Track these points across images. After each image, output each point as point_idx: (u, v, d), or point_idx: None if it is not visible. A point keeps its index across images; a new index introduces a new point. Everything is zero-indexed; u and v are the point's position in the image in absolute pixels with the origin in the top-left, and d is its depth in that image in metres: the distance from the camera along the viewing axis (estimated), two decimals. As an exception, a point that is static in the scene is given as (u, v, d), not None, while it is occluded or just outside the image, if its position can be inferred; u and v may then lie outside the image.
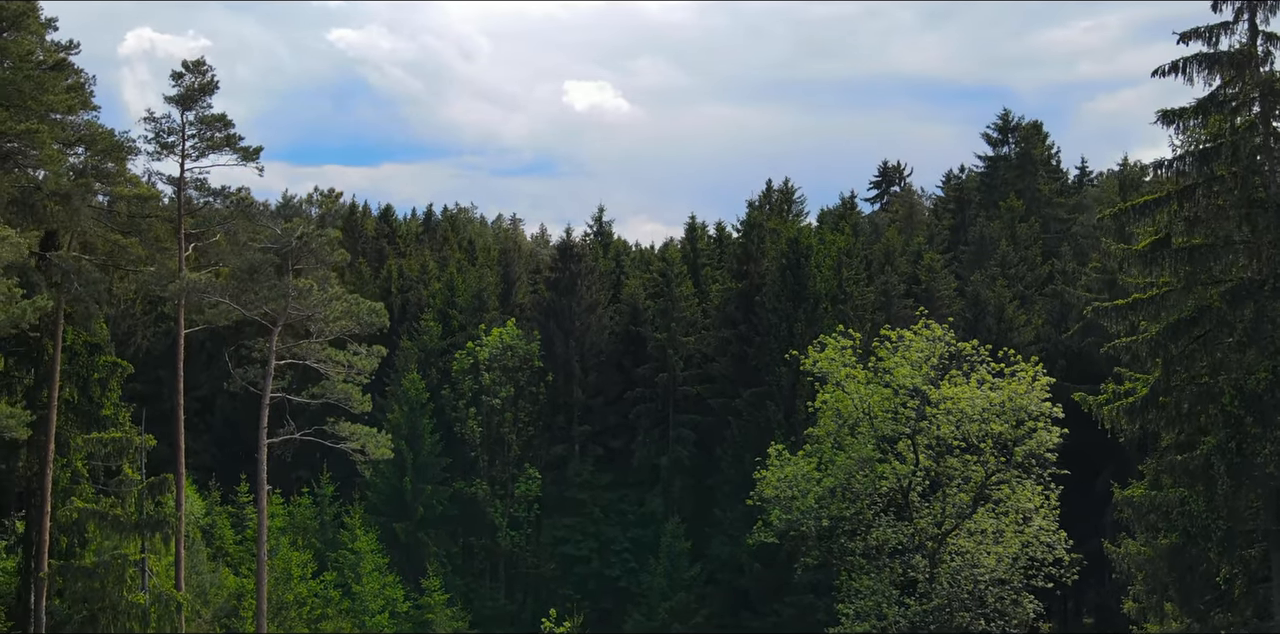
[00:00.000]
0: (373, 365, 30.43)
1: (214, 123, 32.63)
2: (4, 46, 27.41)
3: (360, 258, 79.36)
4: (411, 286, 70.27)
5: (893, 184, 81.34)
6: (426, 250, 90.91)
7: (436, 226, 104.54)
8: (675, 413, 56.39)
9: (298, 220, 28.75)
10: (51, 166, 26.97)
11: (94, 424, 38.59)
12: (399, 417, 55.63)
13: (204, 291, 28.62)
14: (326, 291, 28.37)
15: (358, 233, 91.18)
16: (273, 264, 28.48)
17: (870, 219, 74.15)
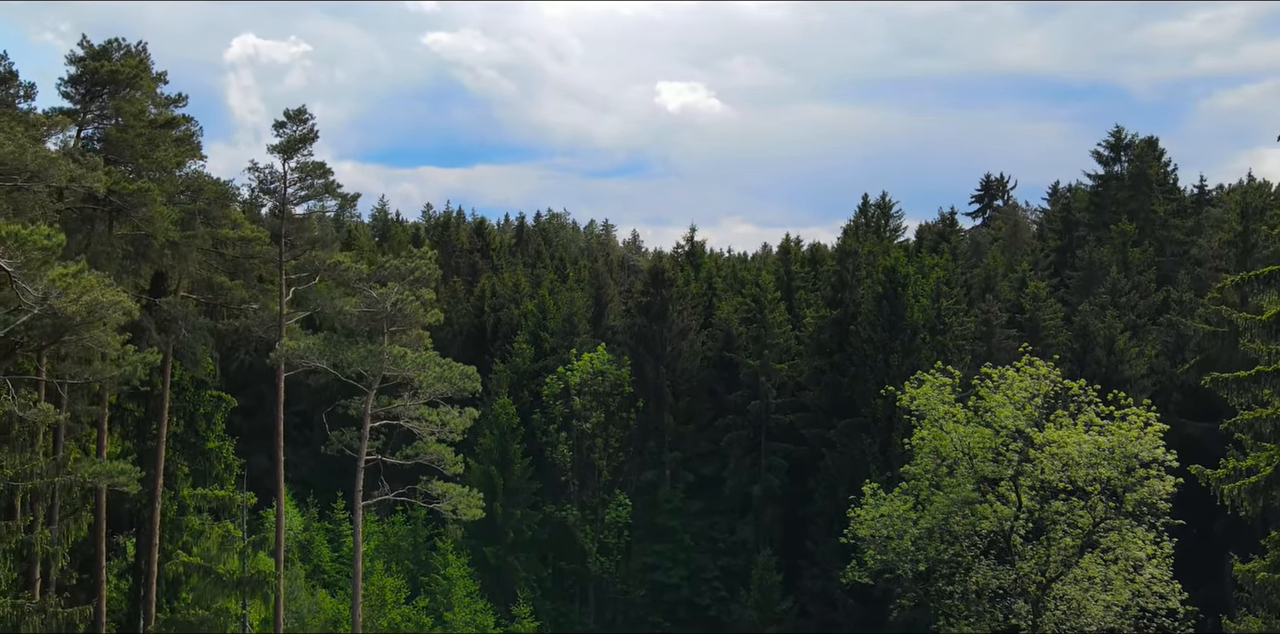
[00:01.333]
0: (465, 424, 30.93)
1: (314, 171, 33.62)
2: (118, 106, 28.69)
3: (455, 276, 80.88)
4: (504, 305, 71.24)
5: (995, 198, 78.99)
6: (519, 264, 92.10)
7: (529, 238, 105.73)
8: (767, 441, 55.85)
9: (392, 285, 29.24)
10: (160, 222, 28.07)
11: (199, 457, 40.22)
12: (490, 441, 56.39)
13: (302, 357, 29.47)
14: (420, 356, 28.86)
15: (452, 246, 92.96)
16: (367, 328, 29.14)
17: (971, 236, 72.16)
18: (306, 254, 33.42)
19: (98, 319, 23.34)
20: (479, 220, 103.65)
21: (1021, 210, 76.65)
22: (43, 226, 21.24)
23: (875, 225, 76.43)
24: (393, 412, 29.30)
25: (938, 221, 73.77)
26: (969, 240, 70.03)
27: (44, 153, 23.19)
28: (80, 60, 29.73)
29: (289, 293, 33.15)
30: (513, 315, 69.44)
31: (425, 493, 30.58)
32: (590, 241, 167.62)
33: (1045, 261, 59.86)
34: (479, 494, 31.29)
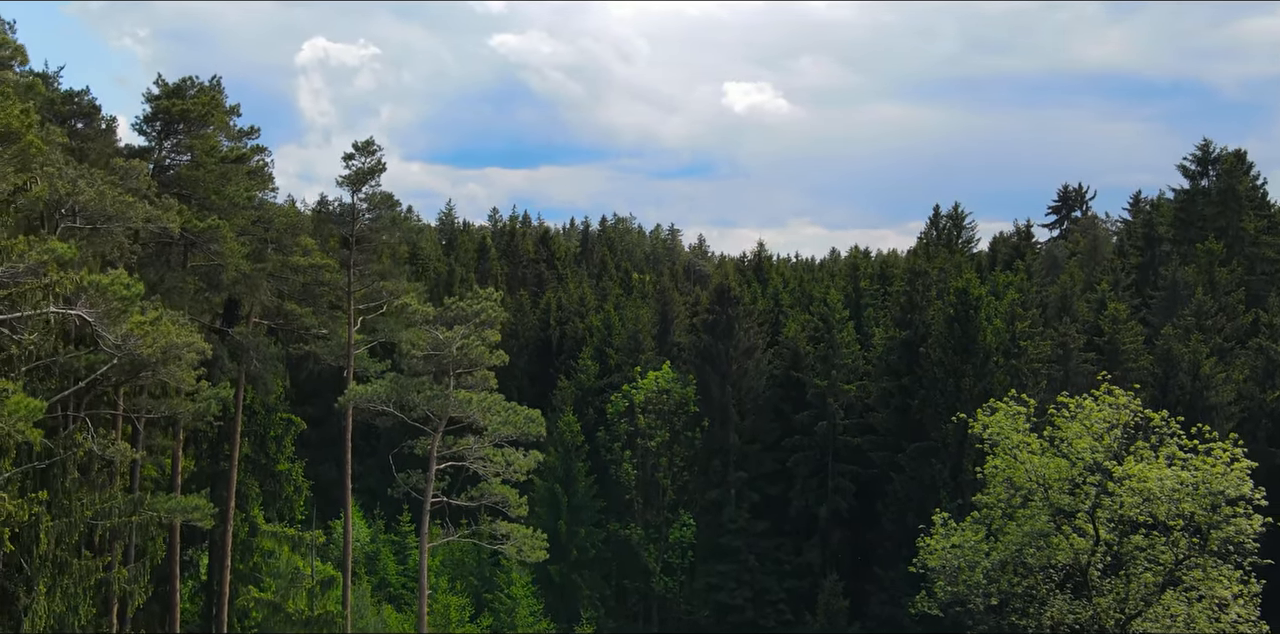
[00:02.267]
0: (530, 466, 31.16)
1: (382, 202, 34.18)
2: (190, 144, 29.49)
3: (521, 288, 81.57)
4: (569, 319, 71.67)
5: (1073, 209, 77.00)
6: (584, 273, 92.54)
7: (593, 247, 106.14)
8: (834, 462, 55.28)
9: (459, 328, 29.56)
10: (232, 257, 28.78)
11: (270, 478, 41.17)
12: (554, 458, 56.70)
13: (370, 401, 30.01)
14: (486, 399, 29.17)
15: (517, 256, 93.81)
16: (433, 369, 29.55)
17: (1048, 249, 70.51)
18: (375, 285, 33.97)
19: (173, 359, 23.96)
20: (543, 229, 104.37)
21: (1101, 222, 74.62)
22: (122, 274, 21.87)
23: (947, 237, 75.20)
24: (458, 452, 29.63)
25: (1012, 234, 72.27)
26: (1045, 254, 68.43)
27: (122, 197, 23.91)
28: (155, 98, 30.63)
29: (358, 322, 33.72)
30: (577, 329, 69.83)
31: (490, 533, 30.87)
32: (656, 247, 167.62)
33: (1126, 281, 58.18)
34: (543, 536, 31.51)
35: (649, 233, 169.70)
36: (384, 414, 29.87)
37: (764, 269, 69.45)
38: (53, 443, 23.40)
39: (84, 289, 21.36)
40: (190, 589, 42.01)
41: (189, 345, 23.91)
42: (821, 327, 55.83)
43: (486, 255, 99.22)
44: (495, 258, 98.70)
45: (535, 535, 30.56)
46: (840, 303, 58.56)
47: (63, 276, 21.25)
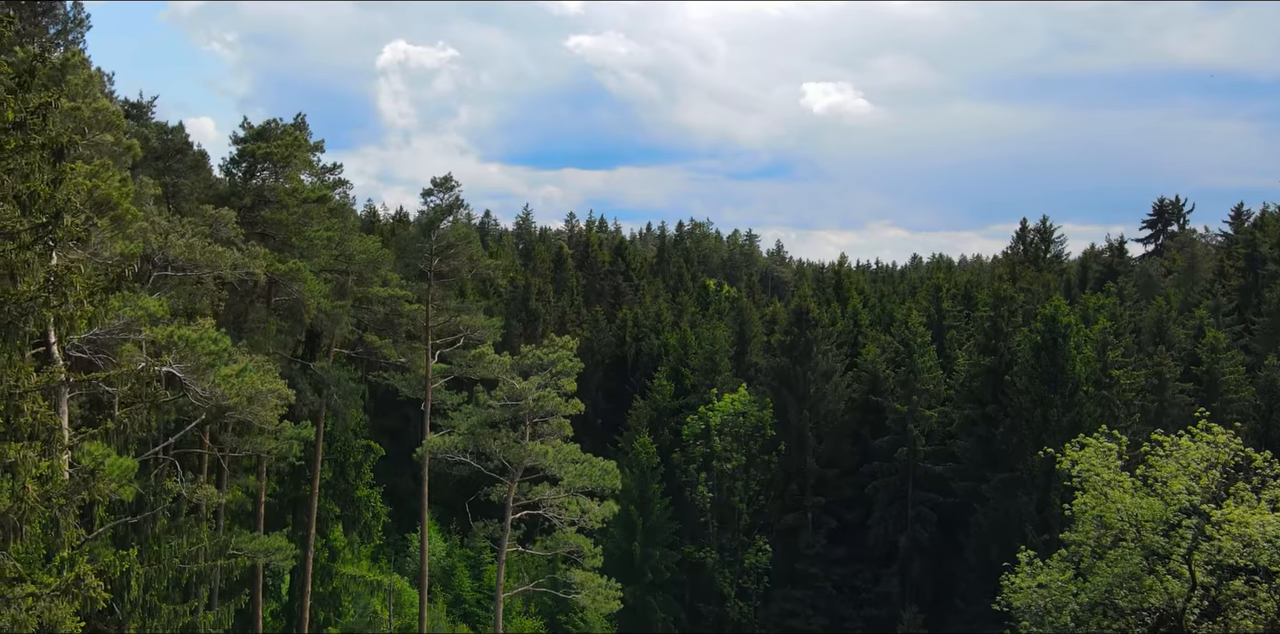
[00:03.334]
0: (605, 514, 31.32)
1: (460, 237, 34.69)
2: (274, 187, 30.33)
3: (598, 303, 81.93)
4: (645, 335, 71.79)
5: (1169, 223, 74.41)
6: (660, 284, 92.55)
7: (670, 257, 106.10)
8: (915, 489, 54.41)
9: (534, 378, 29.86)
10: (312, 299, 29.50)
11: (349, 504, 42.08)
12: (629, 480, 56.82)
13: (447, 452, 30.50)
14: (562, 451, 29.42)
15: (593, 268, 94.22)
16: (509, 416, 29.91)
17: (1142, 267, 68.31)
18: (453, 319, 34.51)
19: (257, 403, 24.64)
20: (619, 239, 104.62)
21: (1199, 238, 71.97)
22: (210, 329, 22.55)
23: (1034, 253, 73.39)
24: (533, 499, 29.94)
25: (1104, 249, 70.13)
26: (1139, 272, 66.28)
27: (211, 247, 24.70)
28: (242, 141, 31.59)
29: (435, 356, 34.28)
30: (653, 345, 69.91)
31: (564, 582, 31.15)
32: (733, 252, 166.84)
33: (1226, 305, 56.05)
34: (616, 586, 31.62)
35: (726, 238, 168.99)
36: (461, 463, 30.32)
37: (843, 287, 68.57)
38: (142, 487, 24.27)
39: (174, 344, 22.05)
40: (271, 611, 43.19)
41: (273, 392, 24.54)
42: (902, 351, 54.97)
43: (563, 265, 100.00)
44: (571, 268, 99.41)
45: (609, 585, 30.70)
46: (921, 324, 57.55)
47: (154, 331, 21.96)
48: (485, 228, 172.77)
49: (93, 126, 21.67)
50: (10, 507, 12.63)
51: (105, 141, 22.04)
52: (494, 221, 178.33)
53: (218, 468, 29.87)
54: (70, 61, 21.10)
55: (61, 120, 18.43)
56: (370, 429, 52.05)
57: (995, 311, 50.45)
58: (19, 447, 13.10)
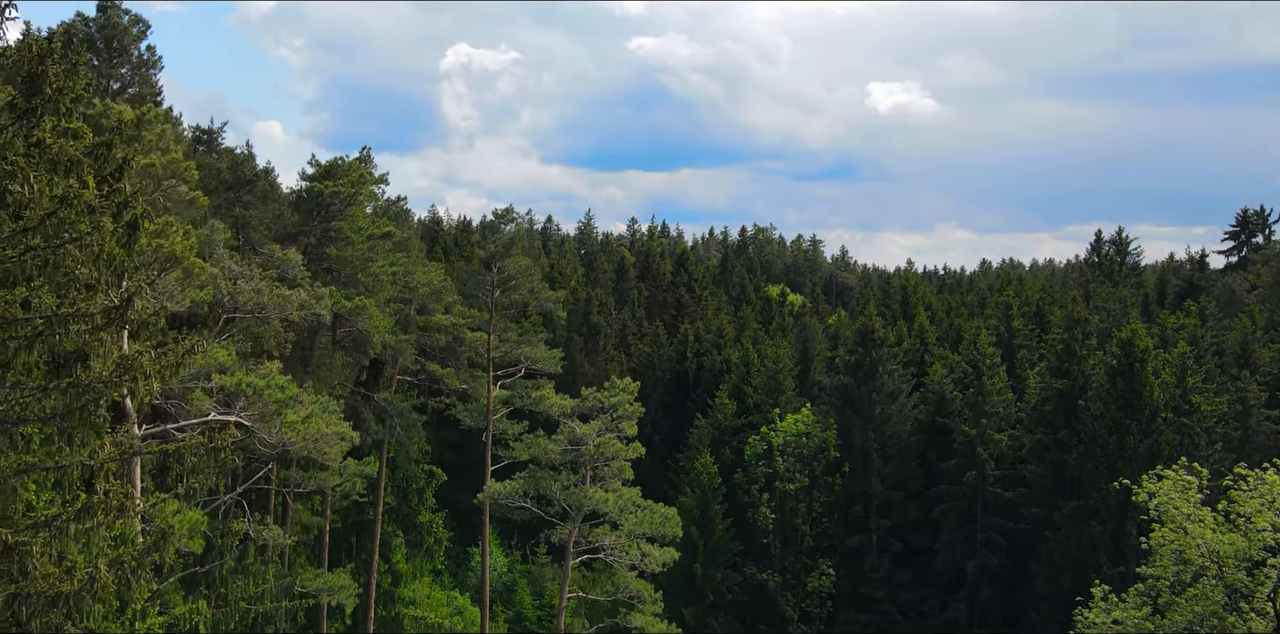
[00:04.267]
0: (667, 558, 31.26)
1: (520, 273, 34.93)
2: (338, 227, 30.83)
3: (657, 319, 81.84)
4: (707, 351, 71.51)
5: (1254, 235, 71.98)
6: (723, 296, 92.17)
7: (733, 266, 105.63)
8: (984, 514, 53.41)
9: (595, 422, 29.94)
10: (377, 335, 29.91)
11: (412, 529, 42.56)
12: (690, 500, 56.70)
13: (508, 497, 30.71)
14: (623, 498, 29.44)
15: (656, 279, 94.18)
16: (570, 459, 30.01)
17: (1224, 283, 66.20)
18: (515, 351, 34.75)
19: (324, 445, 25.01)
20: (681, 249, 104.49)
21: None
22: (276, 375, 22.96)
23: (1109, 265, 71.63)
24: (593, 543, 30.03)
25: (1184, 262, 68.15)
26: (1221, 287, 64.26)
27: (278, 291, 25.16)
28: (310, 179, 32.14)
29: (497, 385, 34.54)
30: (715, 361, 69.62)
31: (625, 628, 31.17)
32: (797, 257, 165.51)
33: (1315, 325, 54.05)
34: (677, 629, 31.52)
35: (790, 243, 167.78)
36: (522, 509, 30.53)
37: (909, 303, 67.57)
38: (210, 529, 24.80)
39: (242, 391, 22.45)
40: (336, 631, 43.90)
41: (337, 435, 24.90)
42: (970, 372, 53.99)
43: (625, 275, 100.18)
44: (633, 278, 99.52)
45: (669, 630, 30.60)
46: (991, 344, 56.48)
47: (223, 379, 22.38)
48: (547, 233, 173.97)
49: (166, 176, 22.19)
50: (84, 586, 12.96)
51: (178, 192, 22.57)
52: (556, 227, 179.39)
53: (283, 503, 30.43)
54: (146, 117, 21.64)
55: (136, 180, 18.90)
56: (432, 442, 52.52)
57: (1068, 334, 49.27)
58: (92, 524, 13.42)
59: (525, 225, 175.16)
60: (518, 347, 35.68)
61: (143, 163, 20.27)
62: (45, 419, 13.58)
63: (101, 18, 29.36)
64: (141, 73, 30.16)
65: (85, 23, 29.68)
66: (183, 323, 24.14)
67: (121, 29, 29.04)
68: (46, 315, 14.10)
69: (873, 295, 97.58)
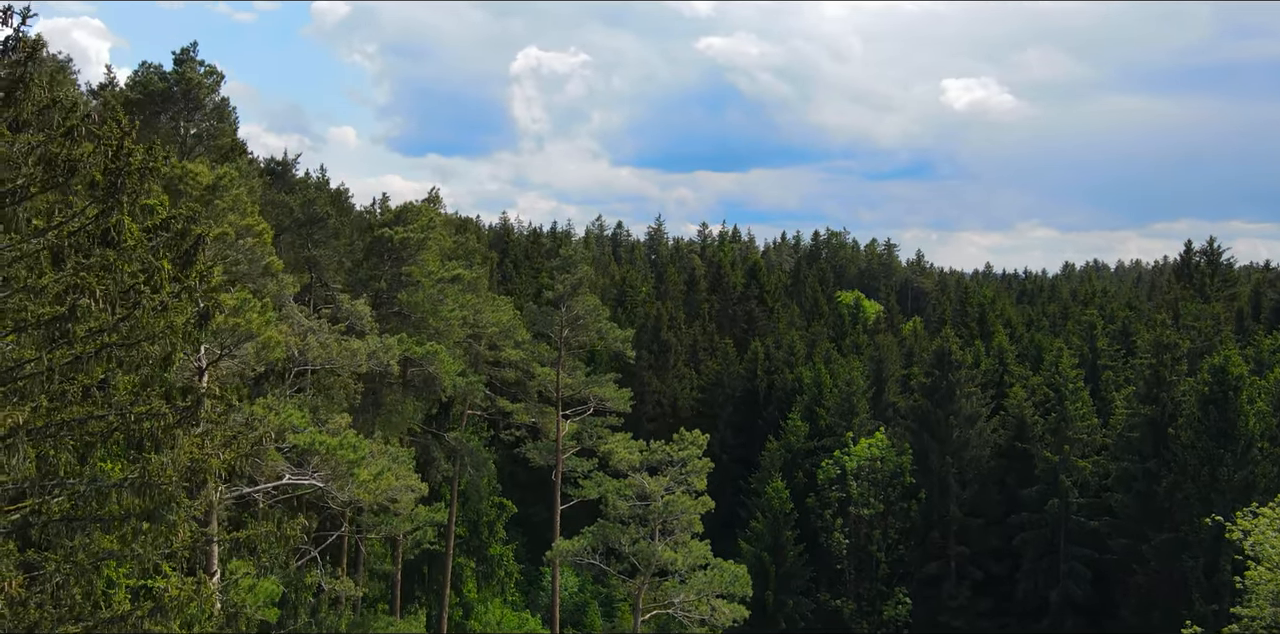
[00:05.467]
0: (738, 614, 31.04)
1: (589, 313, 35.01)
2: (409, 271, 31.25)
3: (727, 333, 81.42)
4: (778, 369, 70.95)
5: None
6: (795, 308, 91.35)
7: (805, 277, 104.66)
8: (1067, 543, 52.03)
9: (663, 478, 29.85)
10: (447, 378, 30.21)
11: (483, 561, 42.93)
12: (761, 525, 56.30)
13: (577, 555, 30.80)
14: (692, 554, 29.32)
15: (727, 292, 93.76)
16: (639, 514, 29.98)
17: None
18: (584, 391, 34.86)
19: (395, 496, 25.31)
20: (753, 259, 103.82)
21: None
22: (349, 434, 23.27)
23: (1200, 279, 69.24)
24: (662, 597, 29.97)
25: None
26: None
27: (349, 346, 25.56)
28: (380, 226, 32.62)
29: (566, 424, 34.68)
30: (785, 380, 69.02)
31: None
32: (871, 262, 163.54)
33: None
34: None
35: (863, 247, 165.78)
36: (591, 564, 30.58)
37: (987, 320, 66.13)
38: (284, 580, 25.26)
39: (314, 450, 22.81)
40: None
41: (407, 487, 25.19)
42: (1052, 396, 52.63)
43: (695, 287, 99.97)
44: (704, 289, 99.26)
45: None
46: (1073, 365, 54.95)
47: (296, 438, 22.76)
48: (618, 239, 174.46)
49: (242, 236, 22.68)
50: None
51: (254, 253, 23.05)
52: (626, 232, 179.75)
53: (355, 548, 30.93)
54: (222, 182, 22.12)
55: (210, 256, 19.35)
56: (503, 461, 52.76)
57: (1156, 358, 47.71)
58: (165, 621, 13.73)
59: (595, 231, 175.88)
60: (587, 386, 35.81)
61: (216, 233, 20.76)
62: (121, 519, 13.93)
63: (177, 72, 30.19)
64: (217, 124, 30.92)
65: (162, 77, 30.54)
66: (255, 378, 24.66)
67: (197, 82, 29.81)
68: (122, 411, 14.46)
69: (949, 305, 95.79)
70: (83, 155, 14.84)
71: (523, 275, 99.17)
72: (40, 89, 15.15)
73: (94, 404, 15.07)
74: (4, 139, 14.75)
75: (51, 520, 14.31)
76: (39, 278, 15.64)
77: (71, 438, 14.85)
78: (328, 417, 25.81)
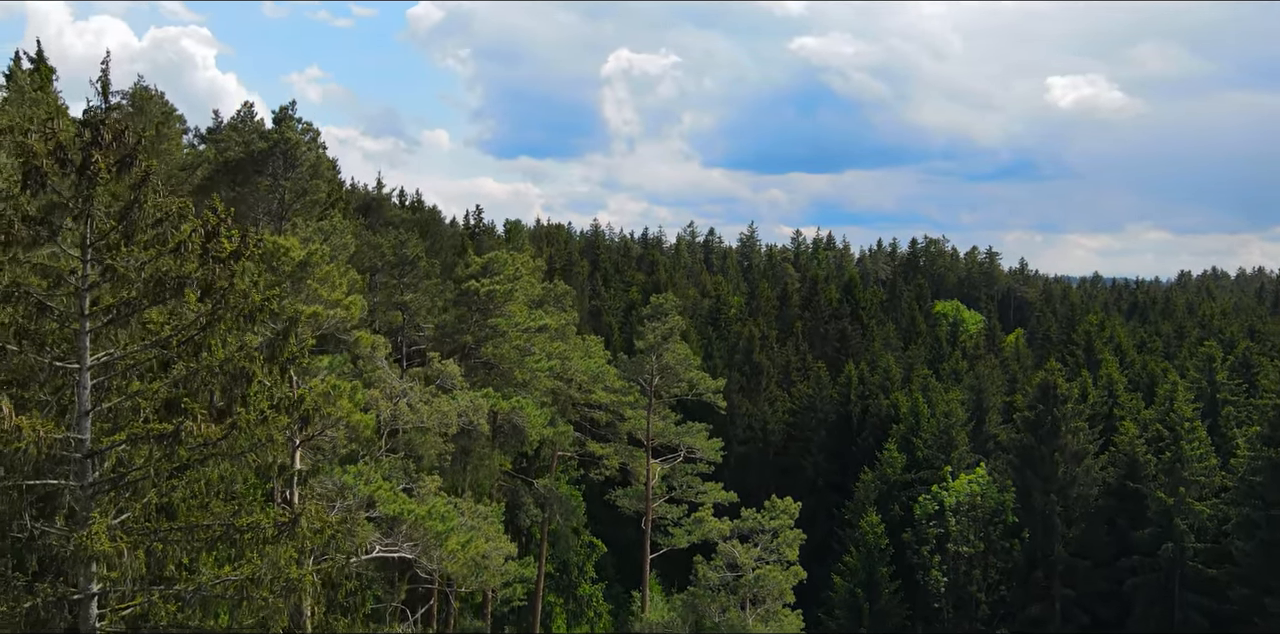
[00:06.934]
0: None
1: (680, 363, 35.17)
2: (494, 324, 31.82)
3: (819, 355, 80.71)
4: (873, 394, 70.07)
5: None
6: (890, 328, 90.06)
7: (900, 293, 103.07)
8: (1182, 590, 50.23)
9: (754, 548, 29.80)
10: (534, 430, 30.66)
11: (572, 599, 43.45)
12: (855, 560, 55.70)
13: (666, 627, 31.00)
14: (781, 625, 29.24)
15: (819, 310, 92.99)
16: (728, 587, 30.02)
17: None
18: (676, 440, 35.03)
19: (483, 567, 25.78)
20: (849, 275, 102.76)
21: None
22: (438, 503, 23.83)
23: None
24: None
25: None
26: None
27: (440, 408, 26.15)
28: (467, 278, 33.27)
29: (655, 476, 34.91)
30: (881, 406, 68.12)
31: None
32: (971, 270, 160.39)
33: None
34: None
35: (963, 255, 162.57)
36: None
37: (1094, 349, 64.18)
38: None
39: (403, 518, 23.42)
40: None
41: (498, 551, 25.65)
42: (1167, 434, 50.90)
43: (788, 302, 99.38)
44: (796, 305, 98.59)
45: None
46: (1189, 398, 53.04)
47: (386, 507, 23.40)
48: (710, 246, 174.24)
49: (330, 311, 23.41)
50: None
51: (343, 324, 23.77)
52: (718, 239, 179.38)
53: (444, 600, 31.64)
54: (313, 259, 22.87)
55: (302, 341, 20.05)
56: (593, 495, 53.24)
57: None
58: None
59: (687, 238, 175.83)
60: (679, 435, 35.96)
61: (307, 313, 21.48)
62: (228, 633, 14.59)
63: (277, 131, 31.32)
64: (313, 182, 31.96)
65: (262, 136, 31.70)
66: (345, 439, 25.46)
67: (295, 141, 30.88)
68: (225, 523, 15.13)
69: (1053, 322, 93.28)
70: (191, 272, 15.56)
71: (613, 290, 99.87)
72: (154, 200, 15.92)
73: (199, 510, 15.81)
74: (120, 255, 15.57)
75: (160, 626, 15.06)
76: (150, 383, 16.47)
77: (178, 541, 15.58)
78: (418, 477, 26.45)
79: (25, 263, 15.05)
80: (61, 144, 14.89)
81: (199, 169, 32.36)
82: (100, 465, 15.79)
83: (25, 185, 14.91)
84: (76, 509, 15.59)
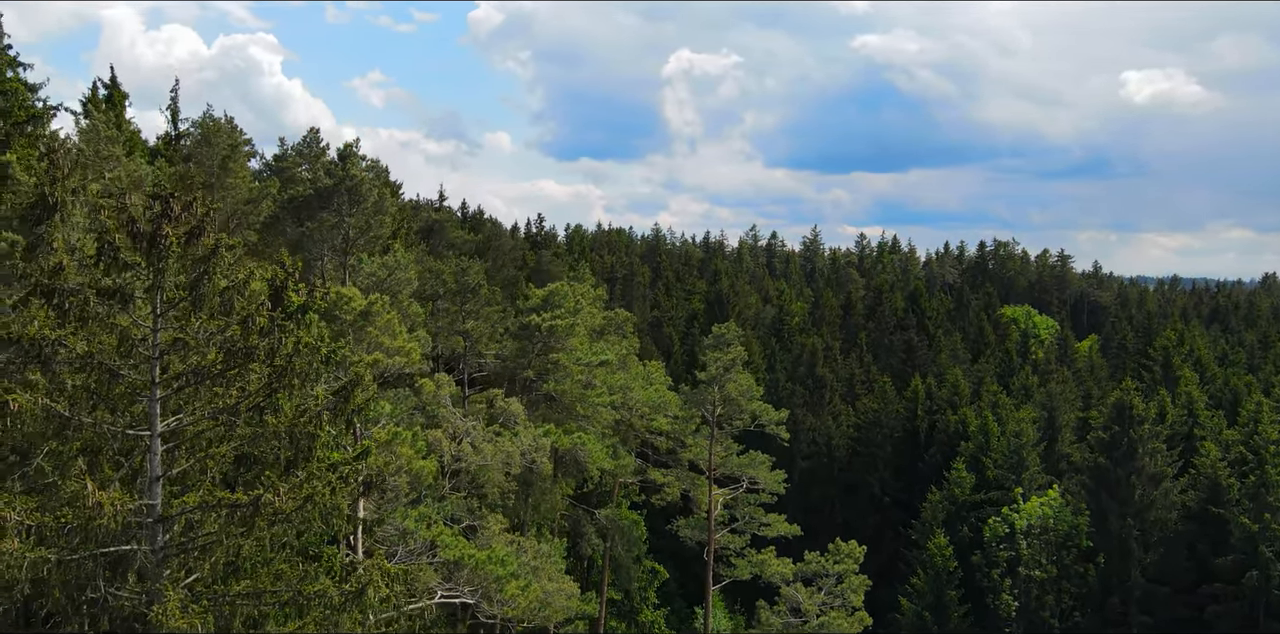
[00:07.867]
0: None
1: (741, 394, 35.11)
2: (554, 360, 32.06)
3: (884, 366, 79.88)
4: (940, 409, 69.20)
5: None
6: (957, 339, 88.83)
7: (968, 302, 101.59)
8: (1267, 619, 48.92)
9: (817, 595, 29.65)
10: (594, 464, 30.86)
11: (634, 624, 43.63)
12: (922, 582, 55.05)
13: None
14: None
15: (883, 321, 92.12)
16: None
17: None
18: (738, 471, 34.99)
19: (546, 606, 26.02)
20: (915, 286, 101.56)
21: None
22: (498, 547, 24.09)
23: None
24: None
25: None
26: None
27: (502, 446, 26.44)
28: (529, 311, 33.57)
29: (718, 505, 34.91)
30: (949, 422, 67.24)
31: None
32: (1042, 273, 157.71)
33: None
34: None
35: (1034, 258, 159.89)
36: None
37: (1172, 365, 62.62)
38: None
39: (463, 563, 23.71)
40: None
41: (560, 591, 25.85)
42: (1251, 457, 49.54)
43: (852, 311, 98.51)
44: (860, 314, 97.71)
45: None
46: (1275, 419, 51.53)
47: (446, 552, 23.71)
48: (772, 249, 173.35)
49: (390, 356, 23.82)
50: None
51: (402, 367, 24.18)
52: (780, 243, 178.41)
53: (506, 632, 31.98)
54: (374, 308, 23.31)
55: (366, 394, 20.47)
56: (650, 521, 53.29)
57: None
58: None
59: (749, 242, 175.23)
60: (741, 467, 35.95)
61: (370, 360, 21.90)
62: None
63: (342, 169, 31.94)
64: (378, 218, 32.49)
65: (328, 173, 32.37)
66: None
67: (359, 179, 31.43)
68: (294, 591, 15.48)
69: (1129, 331, 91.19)
70: (258, 344, 15.96)
71: (674, 299, 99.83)
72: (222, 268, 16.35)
73: (267, 574, 16.21)
74: (190, 326, 16.03)
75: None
76: (218, 447, 16.93)
77: (246, 605, 16.00)
78: (482, 514, 26.77)
79: (99, 334, 15.55)
80: (133, 218, 15.37)
81: (263, 202, 33.09)
82: (170, 528, 16.29)
83: (99, 259, 15.42)
84: (147, 571, 16.08)
